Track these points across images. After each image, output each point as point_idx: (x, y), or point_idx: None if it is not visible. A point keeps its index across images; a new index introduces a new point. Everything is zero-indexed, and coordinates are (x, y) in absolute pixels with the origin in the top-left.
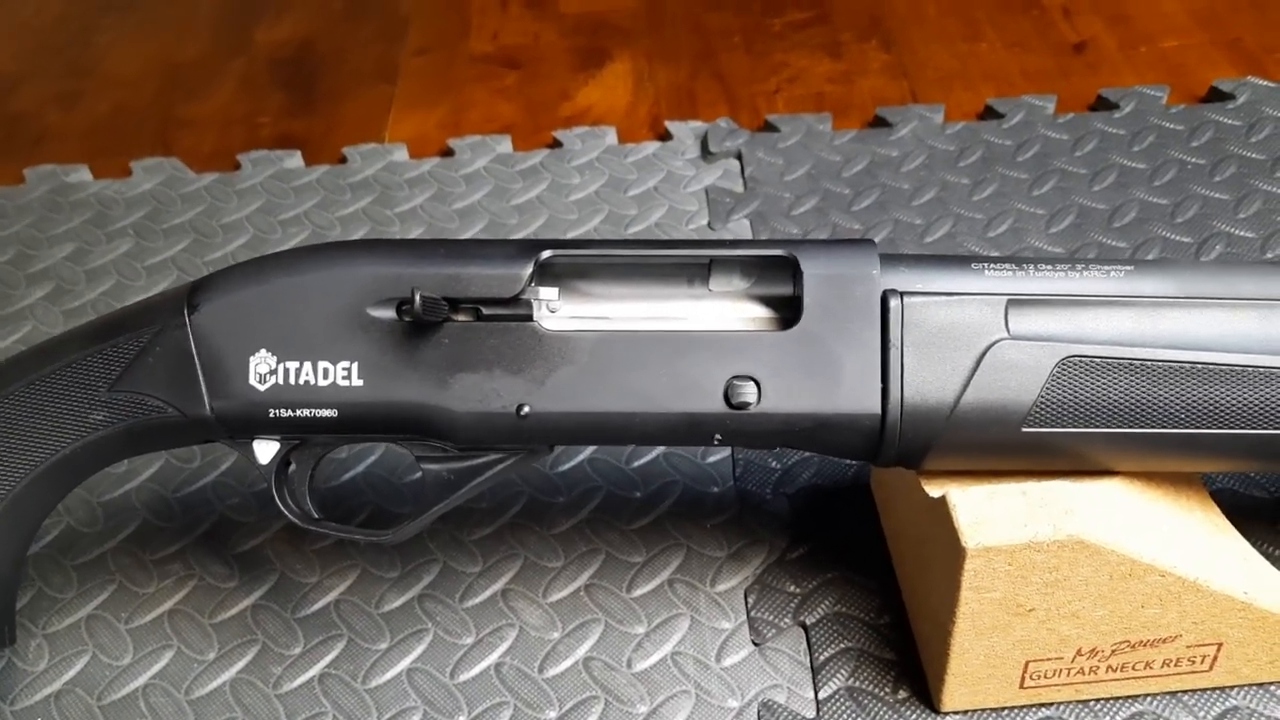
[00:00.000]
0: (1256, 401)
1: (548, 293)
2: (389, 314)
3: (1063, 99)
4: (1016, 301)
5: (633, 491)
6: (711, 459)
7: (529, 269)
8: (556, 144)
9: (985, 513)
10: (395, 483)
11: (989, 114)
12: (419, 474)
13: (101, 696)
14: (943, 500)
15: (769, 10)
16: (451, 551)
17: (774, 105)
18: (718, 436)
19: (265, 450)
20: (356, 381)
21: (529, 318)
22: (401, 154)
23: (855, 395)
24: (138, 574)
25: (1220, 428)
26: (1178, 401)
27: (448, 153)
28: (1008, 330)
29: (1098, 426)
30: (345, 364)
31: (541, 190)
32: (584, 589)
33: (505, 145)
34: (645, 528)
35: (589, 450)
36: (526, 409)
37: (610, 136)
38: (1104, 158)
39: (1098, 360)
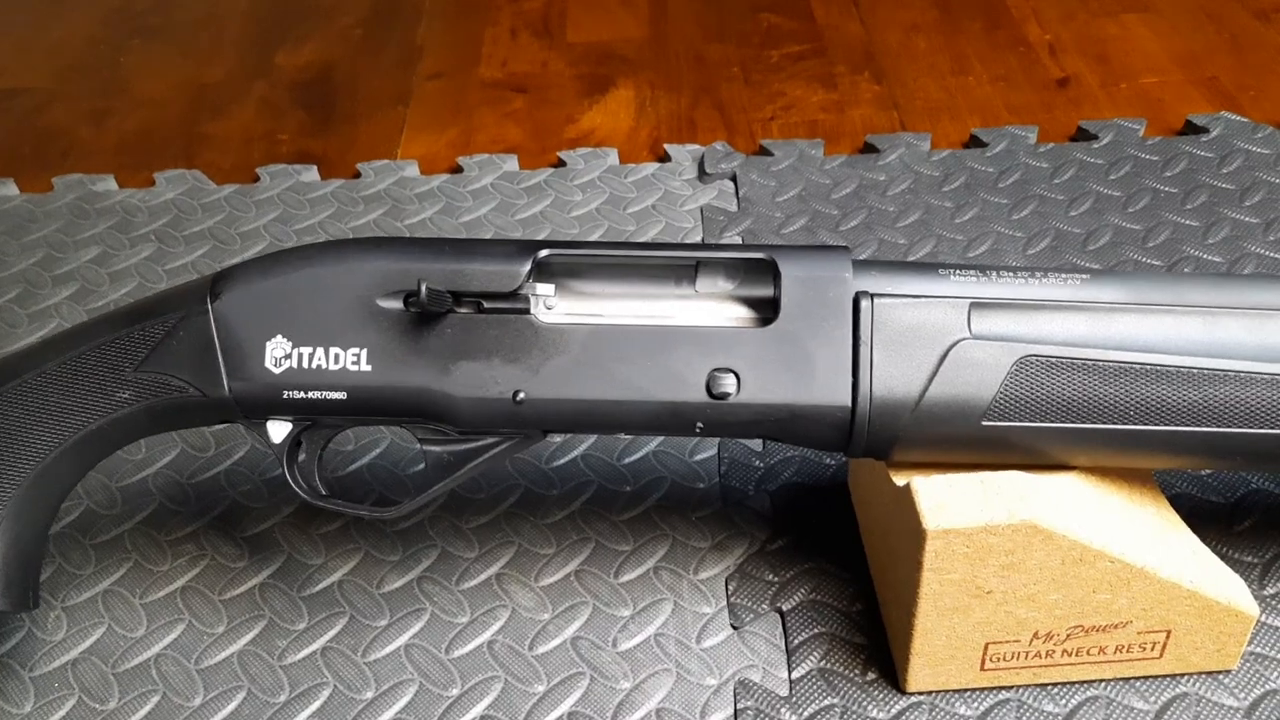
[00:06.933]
0: (1200, 400)
1: (544, 289)
2: (397, 305)
3: (1044, 130)
4: (979, 304)
5: (622, 485)
6: (698, 457)
7: (527, 266)
8: (560, 163)
9: (945, 498)
10: (398, 474)
11: (973, 143)
12: (419, 466)
13: (116, 665)
14: (907, 488)
15: (767, 43)
16: (450, 538)
17: (769, 131)
18: (699, 425)
19: (278, 430)
20: (365, 366)
21: (526, 311)
22: (413, 170)
23: (827, 388)
24: (153, 553)
25: (1167, 424)
26: (1127, 399)
27: (456, 169)
28: (970, 330)
29: (1053, 421)
30: (355, 350)
31: (545, 206)
32: (574, 574)
33: (512, 163)
34: (633, 519)
35: (583, 446)
36: (522, 395)
37: (612, 157)
38: (1081, 185)
39: (1053, 359)
